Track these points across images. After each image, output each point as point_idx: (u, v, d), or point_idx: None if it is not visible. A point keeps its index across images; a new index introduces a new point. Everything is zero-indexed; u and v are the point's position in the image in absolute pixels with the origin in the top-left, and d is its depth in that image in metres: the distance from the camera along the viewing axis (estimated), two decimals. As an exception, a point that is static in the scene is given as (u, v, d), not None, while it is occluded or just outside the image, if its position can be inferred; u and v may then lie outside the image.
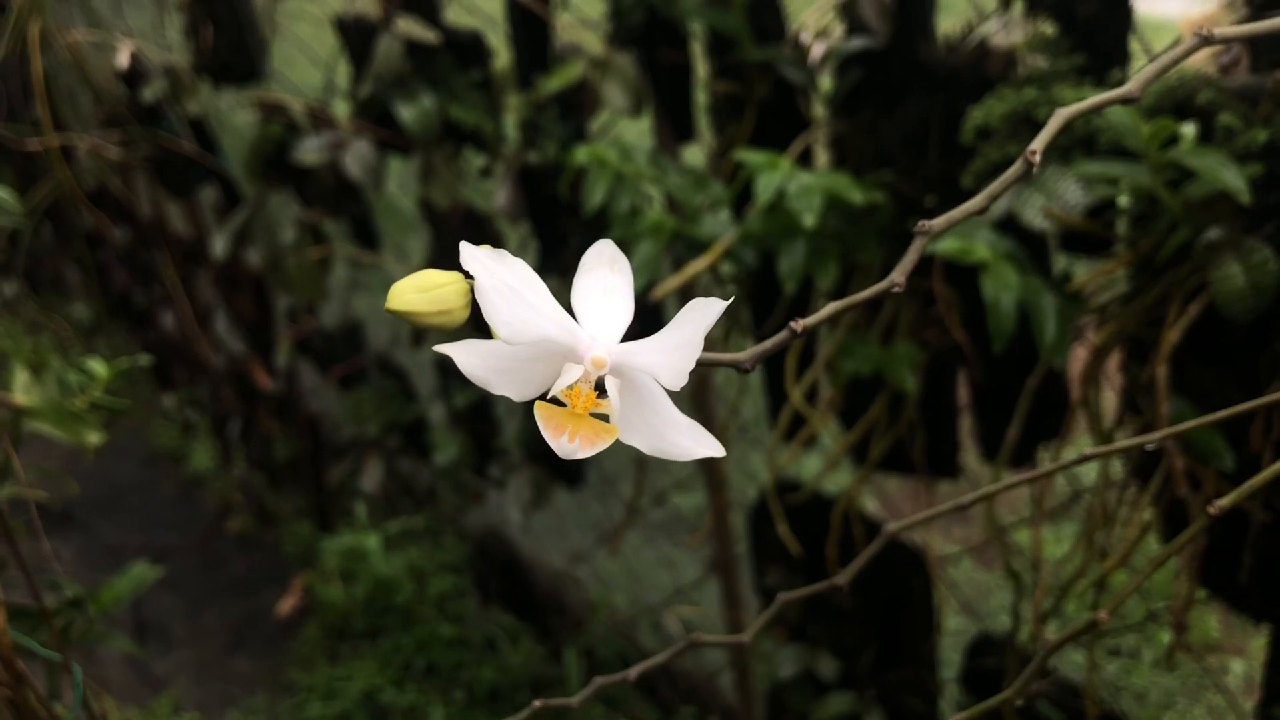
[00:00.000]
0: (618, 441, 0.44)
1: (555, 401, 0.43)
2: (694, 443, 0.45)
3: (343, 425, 2.37)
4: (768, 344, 0.43)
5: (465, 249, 0.42)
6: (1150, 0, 1.14)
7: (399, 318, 0.44)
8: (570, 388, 0.43)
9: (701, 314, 0.41)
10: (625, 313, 0.45)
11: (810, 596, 0.62)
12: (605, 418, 0.43)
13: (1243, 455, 1.08)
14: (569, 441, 0.42)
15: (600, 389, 0.44)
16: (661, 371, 0.43)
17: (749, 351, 0.44)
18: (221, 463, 3.02)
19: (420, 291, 0.44)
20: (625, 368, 0.44)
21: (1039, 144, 0.44)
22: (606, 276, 0.45)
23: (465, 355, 0.43)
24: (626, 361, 0.44)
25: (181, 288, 2.56)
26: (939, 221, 0.44)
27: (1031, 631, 1.35)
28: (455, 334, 0.46)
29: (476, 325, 0.44)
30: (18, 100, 2.27)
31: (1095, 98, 0.45)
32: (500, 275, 0.42)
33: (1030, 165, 0.43)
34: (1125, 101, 0.45)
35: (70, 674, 0.91)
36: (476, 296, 0.42)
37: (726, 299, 0.41)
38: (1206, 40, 0.45)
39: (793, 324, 0.43)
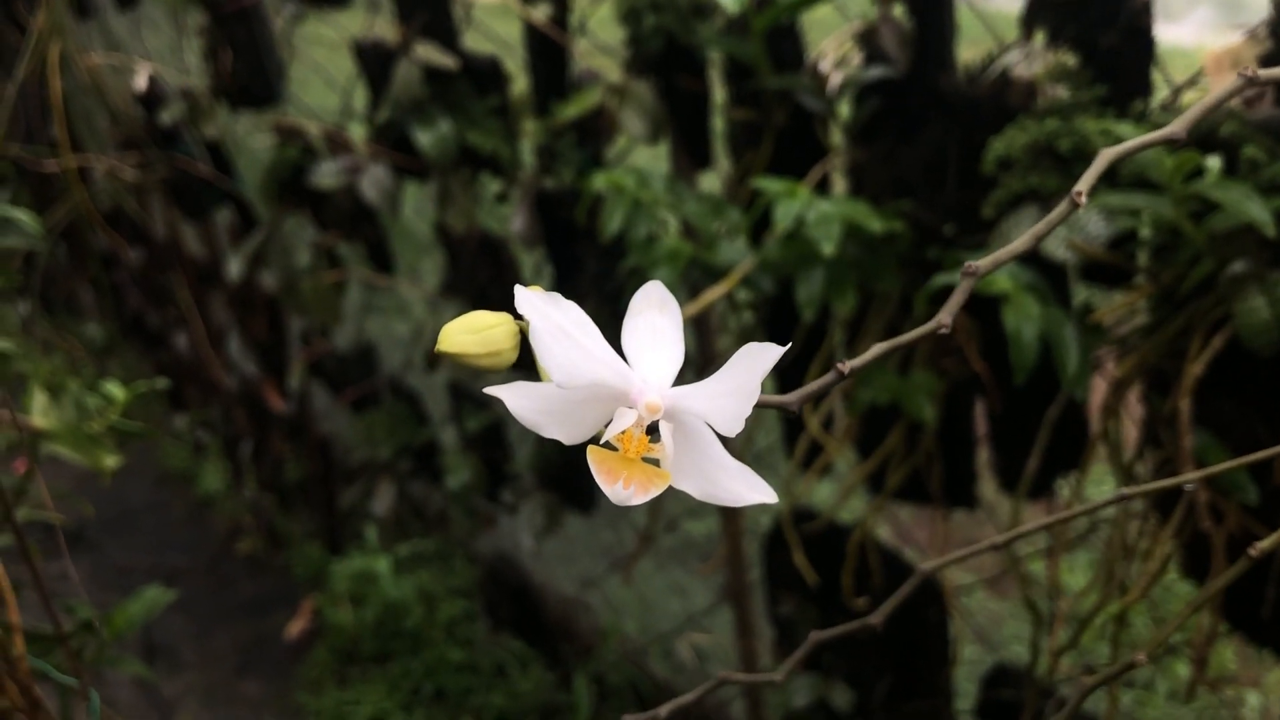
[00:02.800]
0: None
1: (607, 446, 0.43)
2: (747, 488, 0.44)
3: (354, 448, 2.37)
4: (814, 386, 0.43)
5: (519, 292, 0.42)
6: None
7: (449, 360, 0.44)
8: (623, 432, 0.42)
9: (756, 360, 0.41)
10: (676, 356, 0.45)
11: (823, 625, 0.62)
12: (656, 462, 0.43)
13: (1266, 488, 1.07)
14: (624, 488, 0.41)
15: (652, 433, 0.43)
16: (716, 417, 0.42)
17: (797, 393, 0.43)
18: (232, 484, 3.02)
19: (470, 333, 0.44)
20: (678, 412, 0.43)
21: (1084, 185, 0.43)
22: (656, 319, 0.44)
23: (516, 398, 0.43)
24: (680, 406, 0.43)
25: (195, 309, 2.56)
26: (985, 263, 0.44)
27: (1049, 664, 1.34)
28: (503, 375, 0.46)
29: (523, 365, 0.44)
30: (36, 122, 2.28)
31: (1140, 139, 0.45)
32: (554, 318, 0.42)
33: (1075, 205, 0.43)
34: (1169, 142, 0.45)
35: (86, 699, 0.91)
36: (530, 340, 0.42)
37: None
38: (1251, 81, 0.45)
39: (839, 366, 0.42)
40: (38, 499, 1.14)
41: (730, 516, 1.87)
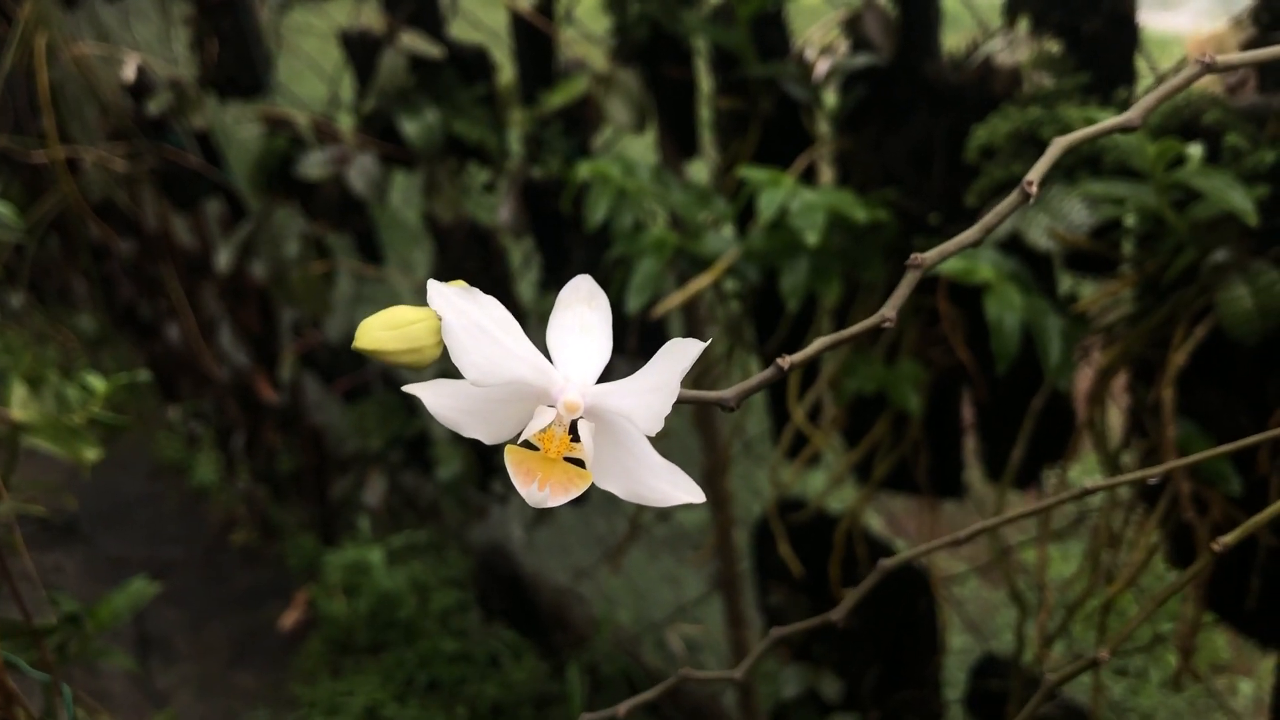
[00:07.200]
0: None
1: (528, 445, 0.42)
2: (672, 487, 0.43)
3: (346, 439, 2.36)
4: (752, 382, 0.42)
5: (433, 287, 0.41)
6: (1158, 15, 1.13)
7: (368, 356, 0.43)
8: (543, 431, 0.41)
9: (678, 356, 0.40)
10: (602, 352, 0.43)
11: (813, 615, 0.61)
12: (580, 462, 0.42)
13: (1249, 478, 1.07)
14: (539, 489, 0.40)
15: (574, 432, 0.42)
16: (637, 414, 0.41)
17: (734, 389, 0.42)
18: (226, 476, 3.02)
19: (389, 329, 0.43)
20: (600, 410, 0.42)
21: (1036, 174, 0.42)
22: (584, 313, 0.43)
23: (434, 396, 0.42)
24: (601, 404, 0.42)
25: (186, 300, 2.56)
26: (932, 254, 0.43)
27: (1037, 653, 1.33)
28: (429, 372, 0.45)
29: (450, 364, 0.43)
30: (24, 113, 2.27)
31: (1093, 127, 0.44)
32: (469, 314, 0.41)
33: (1027, 196, 0.42)
34: (1125, 130, 0.44)
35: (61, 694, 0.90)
36: (444, 336, 0.41)
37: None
38: (1209, 68, 0.44)
39: (780, 361, 0.41)
40: (24, 492, 1.13)
41: (721, 506, 1.86)
